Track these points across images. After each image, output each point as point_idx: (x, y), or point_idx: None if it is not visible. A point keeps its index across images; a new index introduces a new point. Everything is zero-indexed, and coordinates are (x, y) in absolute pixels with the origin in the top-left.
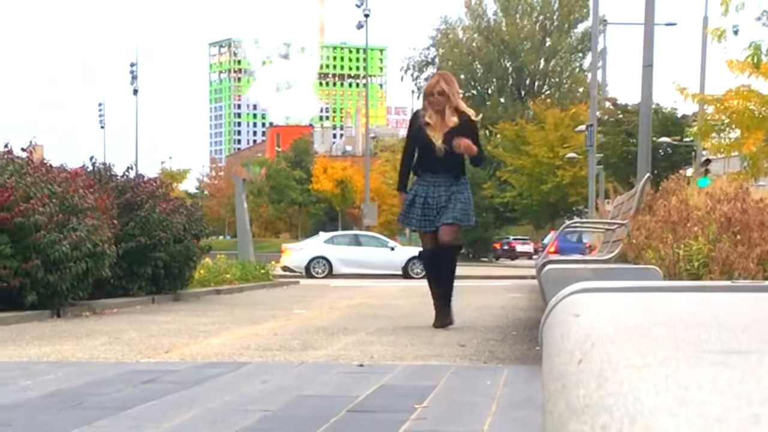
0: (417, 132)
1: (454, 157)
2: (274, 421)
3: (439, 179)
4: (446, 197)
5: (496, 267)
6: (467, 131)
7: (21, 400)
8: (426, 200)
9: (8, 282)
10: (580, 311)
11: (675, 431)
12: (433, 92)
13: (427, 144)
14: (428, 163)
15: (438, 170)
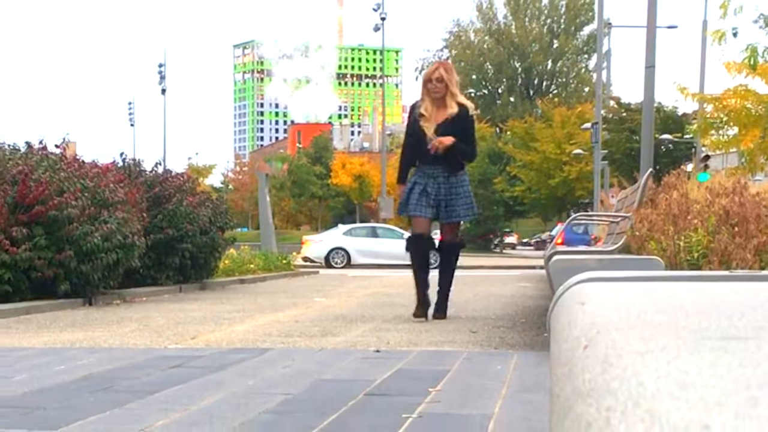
0: (413, 124)
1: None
2: (295, 404)
3: (436, 170)
4: (446, 190)
5: (505, 257)
6: (462, 123)
7: (55, 384)
8: (425, 189)
9: (43, 272)
10: (585, 300)
11: (676, 413)
12: (432, 78)
13: (420, 136)
14: (425, 154)
15: (434, 162)
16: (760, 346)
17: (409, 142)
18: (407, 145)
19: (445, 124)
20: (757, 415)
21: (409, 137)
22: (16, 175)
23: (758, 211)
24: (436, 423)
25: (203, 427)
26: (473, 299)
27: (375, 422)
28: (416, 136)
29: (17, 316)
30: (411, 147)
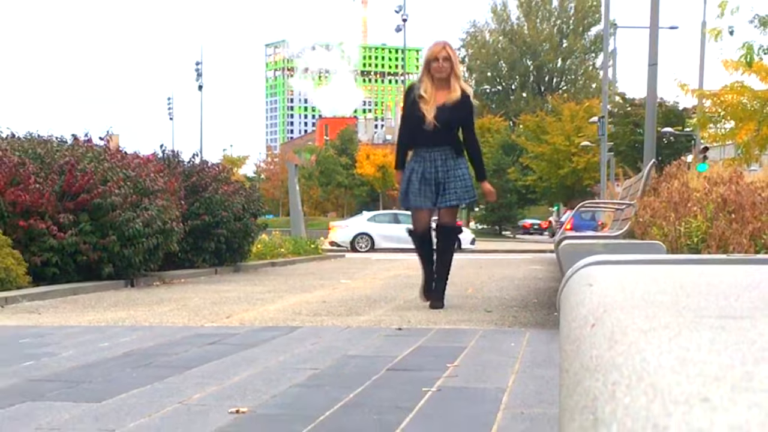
0: (411, 105)
1: (448, 131)
2: (322, 378)
3: (434, 154)
4: (443, 173)
5: (518, 242)
6: (464, 108)
7: (99, 360)
8: (423, 175)
9: (88, 255)
10: (593, 281)
11: (677, 387)
12: (438, 57)
13: (418, 118)
14: (422, 138)
15: (432, 145)
16: (755, 324)
17: (407, 125)
18: (404, 128)
19: (446, 108)
20: (753, 389)
21: (407, 120)
22: (63, 165)
23: (753, 198)
24: (454, 396)
25: (237, 400)
26: (488, 281)
27: (397, 395)
28: (414, 118)
29: (64, 296)
30: (408, 130)
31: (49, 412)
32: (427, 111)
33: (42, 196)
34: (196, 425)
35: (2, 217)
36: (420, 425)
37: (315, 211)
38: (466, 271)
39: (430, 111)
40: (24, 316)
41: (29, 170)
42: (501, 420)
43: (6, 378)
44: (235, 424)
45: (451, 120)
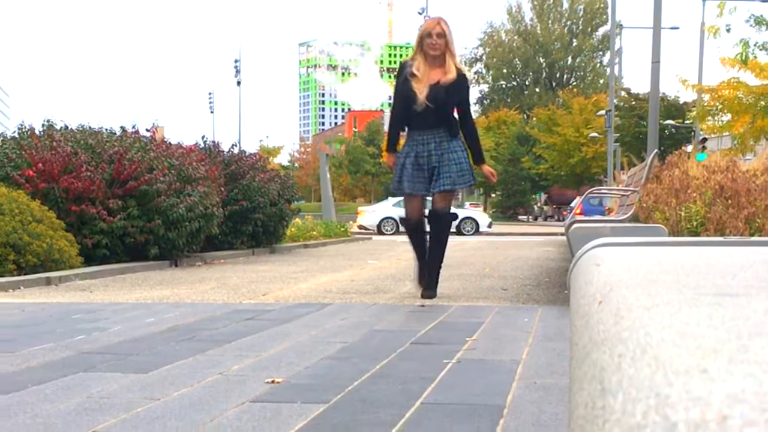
0: (402, 84)
1: (442, 112)
2: (351, 351)
3: (427, 136)
4: (438, 156)
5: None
6: (459, 88)
7: (146, 334)
8: (416, 160)
9: (135, 238)
10: (600, 262)
11: (678, 359)
12: (432, 33)
13: (410, 97)
14: (415, 119)
15: (425, 127)
16: (749, 301)
17: (398, 105)
18: (396, 108)
19: (440, 88)
20: (748, 360)
21: (399, 100)
22: (112, 155)
23: (748, 185)
24: (472, 367)
25: (272, 371)
26: (504, 261)
27: (420, 367)
28: (406, 98)
29: (113, 276)
30: (400, 111)
31: (100, 382)
32: (419, 90)
33: (93, 183)
34: (235, 394)
35: (56, 202)
36: (441, 394)
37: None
38: (484, 252)
39: (423, 90)
40: (76, 294)
41: (81, 159)
42: (516, 389)
43: (60, 351)
44: (270, 393)
45: (445, 100)
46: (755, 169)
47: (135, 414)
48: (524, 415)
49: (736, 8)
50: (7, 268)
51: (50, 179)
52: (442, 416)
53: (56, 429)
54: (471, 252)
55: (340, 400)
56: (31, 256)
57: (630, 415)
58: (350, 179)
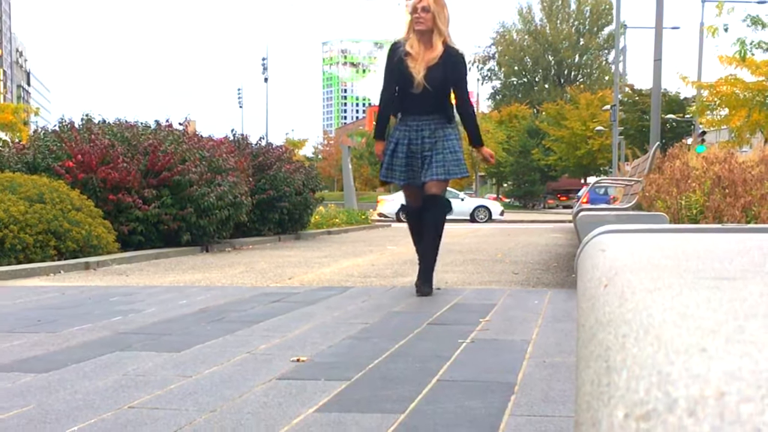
0: (396, 64)
1: (440, 95)
2: (371, 332)
3: (422, 122)
4: (431, 144)
5: (542, 213)
6: (455, 66)
7: (178, 315)
8: (409, 148)
9: (169, 225)
10: (606, 247)
11: (679, 339)
12: (416, 7)
13: (406, 78)
14: (409, 102)
15: (421, 111)
16: (746, 285)
17: (391, 87)
18: (387, 90)
19: (438, 68)
20: (744, 340)
21: (391, 82)
22: (147, 147)
23: (744, 176)
24: (485, 346)
25: (297, 350)
26: (515, 247)
27: (436, 346)
28: (400, 80)
29: (148, 260)
30: (392, 93)
31: (135, 361)
32: (415, 70)
33: (129, 174)
34: (262, 372)
35: (95, 192)
36: (456, 371)
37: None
38: (496, 239)
39: (420, 71)
40: (113, 278)
41: (118, 151)
42: (526, 367)
43: (98, 331)
44: (295, 371)
45: (443, 81)
46: (751, 161)
47: (168, 390)
48: (534, 391)
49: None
50: (48, 254)
51: (89, 170)
52: (457, 392)
53: (95, 404)
54: (484, 238)
55: (361, 378)
56: (71, 243)
57: (633, 391)
58: (370, 170)
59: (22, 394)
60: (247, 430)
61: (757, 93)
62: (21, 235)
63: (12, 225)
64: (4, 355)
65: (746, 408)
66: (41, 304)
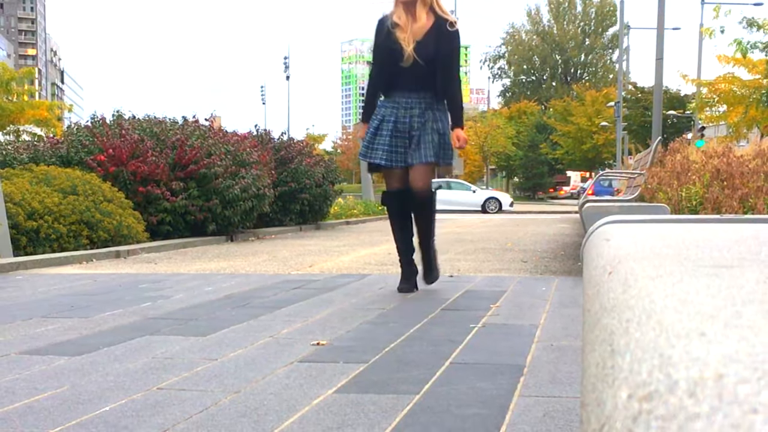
0: (384, 38)
1: (431, 71)
2: (388, 317)
3: (412, 99)
4: (419, 124)
5: (549, 205)
6: (446, 39)
7: (205, 301)
8: (396, 126)
9: (195, 215)
10: (610, 237)
11: (679, 324)
12: None
13: (394, 51)
14: (397, 78)
15: (411, 87)
16: (743, 272)
17: (380, 62)
18: (378, 67)
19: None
20: (741, 325)
21: (380, 57)
22: (175, 142)
23: (742, 169)
24: (496, 331)
25: (317, 335)
26: (524, 237)
27: (449, 330)
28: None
29: (176, 249)
30: (382, 69)
31: (164, 344)
32: (405, 42)
33: (158, 167)
34: (284, 355)
35: (125, 184)
36: (468, 355)
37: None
38: (506, 228)
39: (410, 42)
40: (143, 266)
41: (147, 146)
42: (535, 351)
43: (128, 316)
44: (316, 354)
45: (434, 54)
46: (748, 155)
47: (195, 373)
48: (542, 373)
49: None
50: (81, 243)
51: (120, 163)
52: (469, 374)
53: (125, 386)
54: (494, 228)
55: (378, 360)
56: (102, 232)
57: (636, 373)
58: None
59: (56, 376)
60: (269, 411)
61: (754, 90)
62: (55, 225)
63: (47, 216)
64: (39, 339)
65: (743, 389)
66: (74, 291)
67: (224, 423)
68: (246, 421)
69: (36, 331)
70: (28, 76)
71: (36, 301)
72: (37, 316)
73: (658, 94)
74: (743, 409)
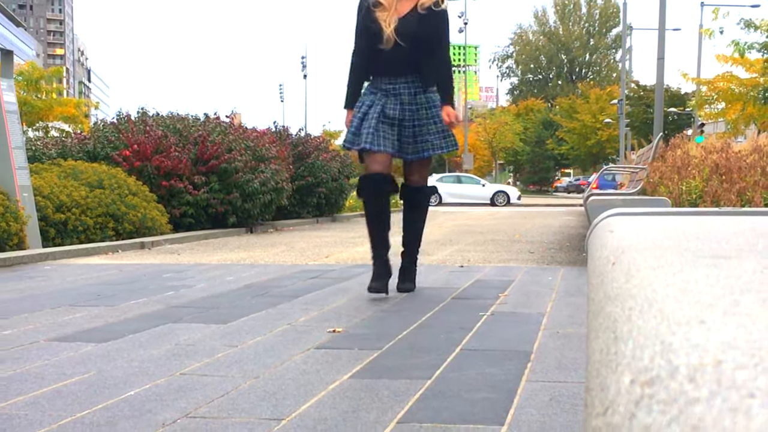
0: (363, 17)
1: (415, 53)
2: (401, 305)
3: (398, 85)
4: (412, 112)
5: (555, 198)
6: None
7: (225, 290)
8: (384, 111)
9: (216, 208)
10: (613, 228)
11: (679, 312)
12: None
13: (375, 32)
14: (381, 62)
15: (396, 72)
16: (741, 263)
17: (361, 45)
18: (358, 50)
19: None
20: (739, 313)
21: (360, 39)
22: (197, 138)
23: (740, 164)
24: (504, 319)
25: (333, 322)
26: (531, 229)
27: (460, 318)
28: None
29: (198, 240)
30: (363, 52)
31: (186, 332)
32: (384, 22)
33: (180, 162)
34: (301, 342)
35: (149, 178)
36: (478, 341)
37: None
38: (514, 221)
39: (390, 23)
40: (166, 256)
41: (170, 141)
42: (541, 338)
43: (152, 305)
44: (332, 341)
45: (418, 34)
46: (746, 150)
47: (216, 359)
48: (548, 359)
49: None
50: (107, 234)
51: (144, 158)
52: (479, 360)
53: (149, 371)
54: (502, 220)
55: (392, 347)
56: (127, 224)
57: (639, 359)
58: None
59: (83, 361)
60: (287, 395)
61: (751, 88)
62: (82, 217)
63: (74, 208)
64: (67, 326)
65: (741, 374)
66: (101, 280)
67: (244, 407)
68: (265, 405)
69: (64, 319)
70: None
71: (64, 290)
72: (65, 304)
73: (660, 92)
74: (741, 393)
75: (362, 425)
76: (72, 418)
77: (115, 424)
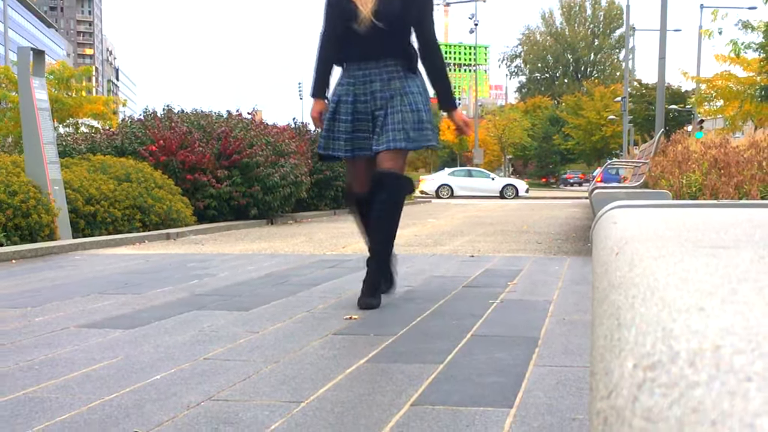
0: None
1: (396, 35)
2: (414, 293)
3: (370, 71)
4: (383, 100)
5: (562, 191)
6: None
7: (247, 279)
8: (356, 107)
9: (238, 201)
10: (617, 220)
11: (680, 300)
12: None
13: (348, 12)
14: (354, 46)
15: (368, 56)
16: (739, 253)
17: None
18: (327, 32)
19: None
20: (737, 301)
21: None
22: (220, 133)
23: (737, 158)
24: (513, 306)
25: (350, 310)
26: (539, 220)
27: (471, 305)
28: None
29: (220, 232)
30: (333, 35)
31: (209, 318)
32: (360, 2)
33: (204, 157)
34: (320, 328)
35: (174, 172)
36: (488, 328)
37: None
38: (522, 213)
39: (368, 3)
40: (191, 246)
41: (195, 137)
42: (548, 324)
43: (177, 293)
44: (348, 327)
45: (399, 16)
46: (743, 145)
47: (238, 344)
48: (555, 345)
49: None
50: (134, 226)
51: (169, 153)
52: (488, 345)
53: (174, 356)
54: (511, 212)
55: (405, 333)
56: (153, 216)
57: (641, 345)
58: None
59: (111, 347)
60: (306, 379)
61: (749, 86)
62: (111, 209)
63: (103, 201)
64: (96, 313)
65: (739, 359)
66: (128, 270)
67: (265, 390)
68: (285, 389)
69: (93, 306)
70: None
71: (93, 278)
72: (94, 292)
73: (661, 90)
74: (738, 377)
75: (377, 407)
76: (101, 401)
77: (141, 407)
